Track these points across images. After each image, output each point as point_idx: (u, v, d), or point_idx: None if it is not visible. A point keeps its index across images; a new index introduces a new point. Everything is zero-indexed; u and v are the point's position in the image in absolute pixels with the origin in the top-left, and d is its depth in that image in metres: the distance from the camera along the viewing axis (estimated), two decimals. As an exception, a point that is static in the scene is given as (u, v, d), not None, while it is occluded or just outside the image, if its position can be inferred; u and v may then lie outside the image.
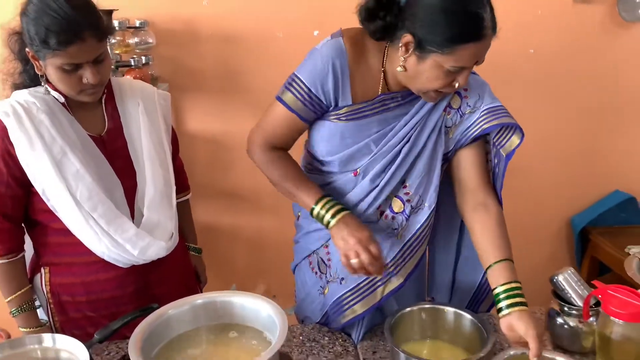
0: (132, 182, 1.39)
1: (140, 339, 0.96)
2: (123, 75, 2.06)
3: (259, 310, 1.06)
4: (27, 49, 1.27)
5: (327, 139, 1.31)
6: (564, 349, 1.24)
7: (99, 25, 1.24)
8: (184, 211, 1.65)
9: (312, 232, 1.42)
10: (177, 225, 1.46)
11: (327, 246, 1.39)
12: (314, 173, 1.39)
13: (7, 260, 1.35)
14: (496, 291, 1.20)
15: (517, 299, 1.18)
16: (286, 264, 1.64)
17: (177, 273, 1.51)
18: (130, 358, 0.90)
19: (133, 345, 0.93)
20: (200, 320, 1.09)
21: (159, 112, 1.47)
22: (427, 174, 1.32)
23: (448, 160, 1.36)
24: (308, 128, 1.36)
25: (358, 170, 1.31)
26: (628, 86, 2.49)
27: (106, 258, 1.34)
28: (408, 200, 1.32)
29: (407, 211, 1.33)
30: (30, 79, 1.35)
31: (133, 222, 1.37)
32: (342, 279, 1.36)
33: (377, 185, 1.31)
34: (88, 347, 1.08)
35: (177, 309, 1.07)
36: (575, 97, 2.50)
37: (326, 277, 1.40)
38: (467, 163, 1.34)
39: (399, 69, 1.20)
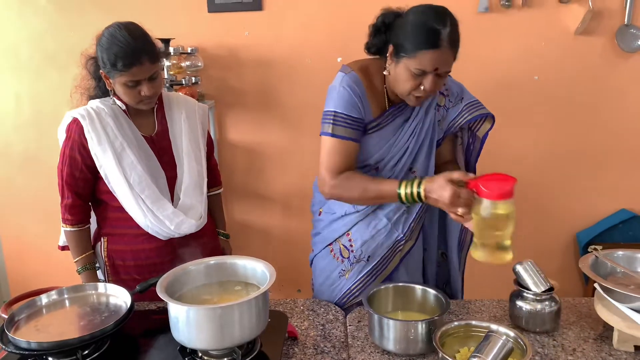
0: (173, 173, 1.72)
1: (167, 282, 1.27)
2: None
3: (256, 269, 1.36)
4: (100, 70, 1.62)
5: (360, 152, 1.61)
6: (521, 328, 1.41)
7: (153, 51, 1.58)
8: (216, 202, 1.96)
9: (334, 223, 1.72)
10: (206, 209, 1.77)
11: (349, 234, 1.69)
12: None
13: (76, 229, 1.70)
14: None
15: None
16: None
17: (207, 250, 1.76)
18: (158, 293, 1.21)
19: (160, 285, 1.24)
20: (212, 276, 1.39)
21: (198, 119, 1.80)
22: (427, 159, 1.65)
23: (439, 145, 1.69)
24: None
25: (378, 166, 1.64)
26: (629, 109, 2.62)
27: (149, 231, 1.67)
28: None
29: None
30: (101, 92, 1.70)
31: (172, 203, 1.69)
32: (369, 256, 1.67)
33: (393, 175, 1.63)
34: (131, 295, 1.40)
35: (196, 266, 1.38)
36: (579, 119, 2.64)
37: (349, 260, 1.70)
38: (446, 144, 1.72)
39: (385, 72, 1.54)
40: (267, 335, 1.30)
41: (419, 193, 1.43)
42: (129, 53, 1.53)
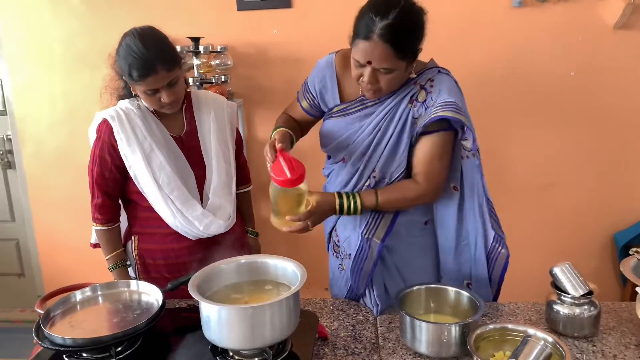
0: (202, 173, 1.72)
1: (198, 281, 1.27)
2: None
3: (286, 268, 1.35)
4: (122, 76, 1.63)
5: (324, 134, 1.63)
6: (558, 333, 1.38)
7: (169, 59, 1.55)
8: (245, 200, 1.96)
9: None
10: (234, 208, 1.77)
11: (336, 229, 1.70)
12: (327, 165, 1.72)
13: (106, 228, 1.72)
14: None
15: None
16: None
17: (235, 249, 1.76)
18: (190, 292, 1.21)
19: (192, 283, 1.24)
20: (243, 275, 1.39)
21: (226, 118, 1.79)
22: (390, 156, 1.53)
23: (414, 146, 1.54)
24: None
25: (345, 157, 1.60)
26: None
27: (179, 231, 1.68)
28: (374, 177, 1.57)
29: (372, 185, 1.58)
30: (129, 92, 1.70)
31: (201, 204, 1.70)
32: (349, 254, 1.65)
33: (358, 168, 1.58)
34: (162, 292, 1.42)
35: (227, 265, 1.38)
36: (615, 116, 2.57)
37: (340, 255, 1.69)
38: (418, 150, 1.52)
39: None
40: (298, 335, 1.29)
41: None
42: (143, 64, 1.52)
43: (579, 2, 2.44)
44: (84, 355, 1.28)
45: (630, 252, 1.47)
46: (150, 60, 1.51)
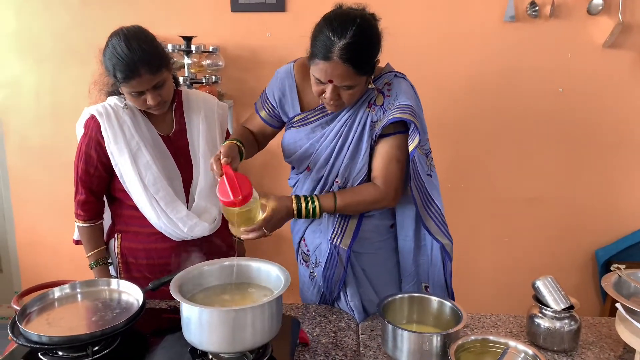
0: (190, 174, 1.71)
1: (180, 282, 1.26)
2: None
3: (270, 272, 1.34)
4: None
5: (286, 144, 1.63)
6: (538, 346, 1.38)
7: (153, 62, 1.52)
8: (231, 203, 1.94)
9: (295, 226, 1.72)
10: (220, 212, 1.74)
11: (304, 239, 1.69)
12: (293, 175, 1.72)
13: (89, 225, 1.70)
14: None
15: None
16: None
17: (220, 252, 1.73)
18: (171, 292, 1.20)
19: (174, 284, 1.23)
20: (226, 277, 1.37)
21: (217, 119, 1.78)
22: (351, 161, 1.54)
23: (373, 148, 1.54)
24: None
25: (309, 166, 1.61)
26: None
27: (163, 232, 1.66)
28: (336, 182, 1.58)
29: (336, 189, 1.58)
30: (118, 89, 1.66)
31: (187, 205, 1.68)
32: (320, 261, 1.65)
33: (322, 176, 1.58)
34: (143, 292, 1.40)
35: (210, 267, 1.37)
36: (601, 134, 2.60)
37: (311, 264, 1.69)
38: (377, 152, 1.54)
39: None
40: (279, 340, 1.28)
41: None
42: (126, 67, 1.50)
43: (569, 20, 2.48)
44: (60, 353, 1.25)
45: (612, 268, 1.48)
46: (134, 63, 1.49)
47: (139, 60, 1.49)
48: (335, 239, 1.60)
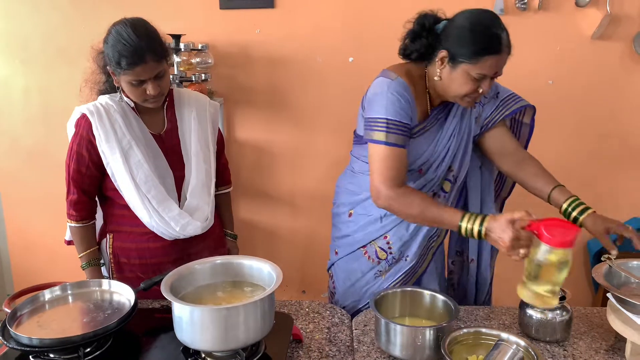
0: (181, 173, 1.70)
1: (171, 281, 1.25)
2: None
3: (262, 269, 1.33)
4: (107, 67, 1.60)
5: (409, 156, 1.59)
6: (531, 337, 1.39)
7: (157, 50, 1.54)
8: (224, 201, 1.93)
9: (370, 225, 1.70)
10: (212, 210, 1.74)
11: (386, 236, 1.69)
12: None
13: (81, 225, 1.69)
14: (563, 208, 1.58)
15: (582, 207, 1.55)
16: (315, 260, 1.85)
17: (213, 251, 1.75)
18: (162, 292, 1.19)
19: (165, 283, 1.22)
20: (218, 276, 1.36)
21: (208, 118, 1.77)
22: (464, 156, 1.68)
23: (474, 141, 1.71)
24: None
25: (422, 169, 1.64)
26: (644, 117, 2.56)
27: (155, 231, 1.65)
28: (455, 179, 1.70)
29: (452, 186, 1.71)
30: (111, 87, 1.67)
31: (179, 204, 1.67)
32: (408, 256, 1.71)
33: (437, 176, 1.65)
34: (135, 292, 1.39)
35: (201, 265, 1.36)
36: (591, 125, 2.61)
37: (387, 261, 1.71)
38: (501, 135, 1.69)
39: (436, 78, 1.53)
40: (272, 337, 1.28)
41: (479, 231, 1.37)
42: (133, 52, 1.50)
43: (558, 12, 2.48)
44: (51, 355, 1.24)
45: (602, 259, 1.50)
46: (141, 49, 1.50)
47: (145, 46, 1.50)
48: (437, 230, 1.72)
